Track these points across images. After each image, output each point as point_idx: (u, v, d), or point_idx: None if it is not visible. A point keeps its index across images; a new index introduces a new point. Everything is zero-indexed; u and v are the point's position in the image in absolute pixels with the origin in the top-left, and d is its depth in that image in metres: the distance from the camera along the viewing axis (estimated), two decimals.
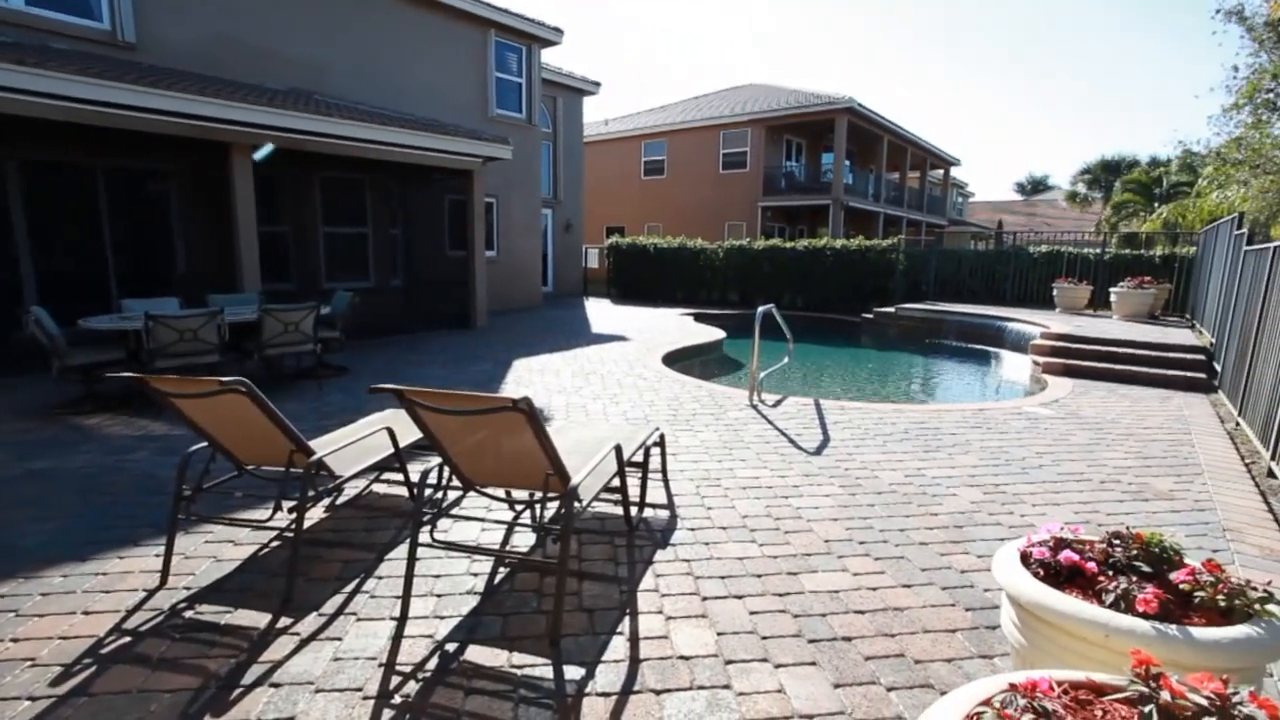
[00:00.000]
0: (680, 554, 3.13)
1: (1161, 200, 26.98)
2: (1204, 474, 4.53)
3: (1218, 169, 16.53)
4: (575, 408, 5.98)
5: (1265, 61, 14.39)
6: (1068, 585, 1.90)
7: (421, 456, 4.24)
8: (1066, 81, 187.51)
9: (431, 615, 2.58)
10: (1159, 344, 8.65)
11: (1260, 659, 1.64)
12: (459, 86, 13.51)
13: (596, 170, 27.48)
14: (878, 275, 15.50)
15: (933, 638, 2.49)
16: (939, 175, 35.93)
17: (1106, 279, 13.33)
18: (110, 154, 8.67)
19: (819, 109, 23.48)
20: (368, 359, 8.34)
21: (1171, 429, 5.74)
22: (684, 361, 9.29)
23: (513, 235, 15.41)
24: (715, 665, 2.29)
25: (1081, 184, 45.12)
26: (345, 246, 11.94)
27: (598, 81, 19.30)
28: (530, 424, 2.47)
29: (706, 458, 4.60)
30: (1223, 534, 3.52)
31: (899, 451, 4.85)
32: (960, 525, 3.55)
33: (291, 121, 8.51)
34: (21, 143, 7.85)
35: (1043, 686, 1.23)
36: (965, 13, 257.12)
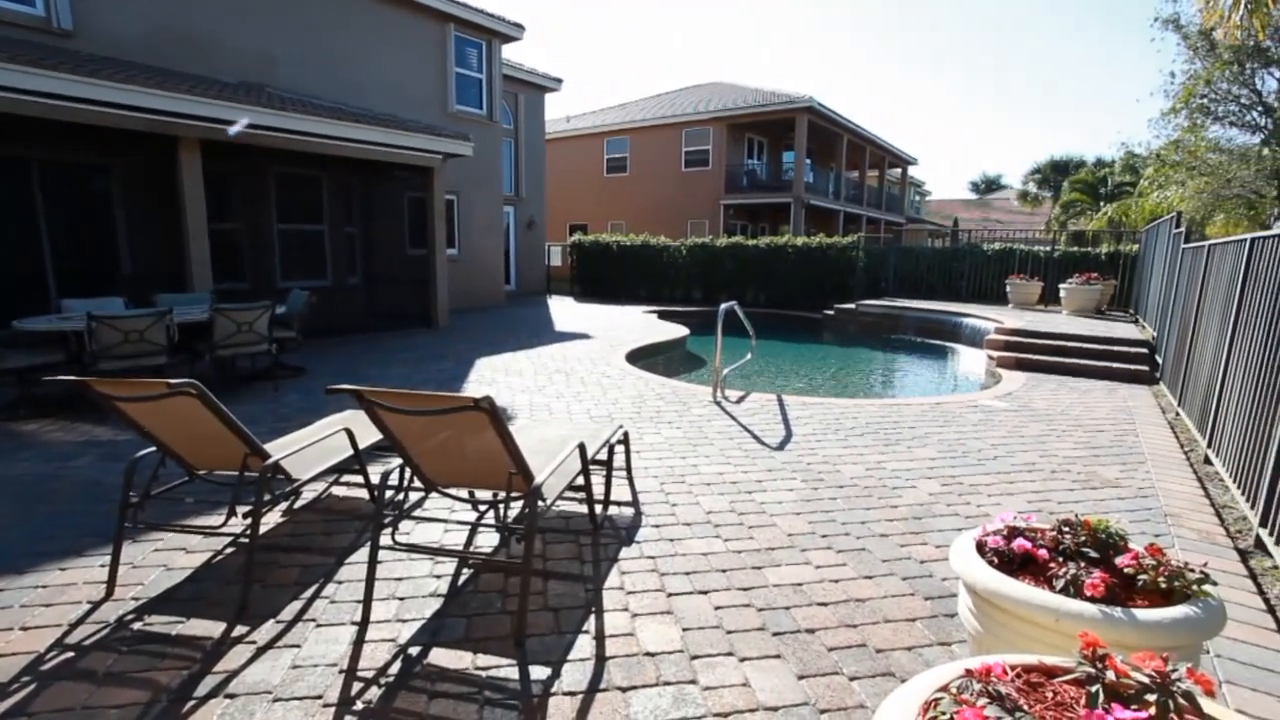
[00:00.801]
0: (645, 551, 3.13)
1: (1107, 199, 28.03)
2: (1147, 462, 4.72)
3: (1157, 170, 17.28)
4: (539, 406, 5.94)
5: (1199, 68, 15.08)
6: (1021, 572, 1.97)
7: (382, 458, 4.16)
8: (1020, 83, 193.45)
9: (394, 619, 2.54)
10: (1105, 338, 8.99)
11: (1197, 637, 1.72)
12: (418, 82, 13.28)
13: (559, 167, 27.32)
14: (838, 272, 15.77)
15: (893, 627, 2.54)
16: (897, 174, 36.70)
17: (1056, 275, 13.79)
18: (47, 147, 8.28)
19: (780, 108, 23.75)
20: (326, 359, 8.15)
21: (1117, 420, 5.97)
22: (648, 359, 9.31)
23: (474, 233, 15.22)
24: (681, 661, 2.30)
25: (1032, 183, 46.58)
26: (301, 244, 11.63)
27: (560, 78, 19.17)
28: (493, 423, 2.44)
29: (671, 454, 4.62)
30: (1164, 519, 3.68)
31: (860, 445, 4.94)
32: (919, 516, 3.63)
33: (242, 115, 8.25)
34: None
35: (996, 671, 1.27)
36: (921, 15, 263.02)
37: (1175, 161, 16.22)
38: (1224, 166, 15.37)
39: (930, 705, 1.20)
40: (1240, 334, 4.35)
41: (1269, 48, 13.97)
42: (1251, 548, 3.37)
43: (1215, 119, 15.64)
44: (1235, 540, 3.44)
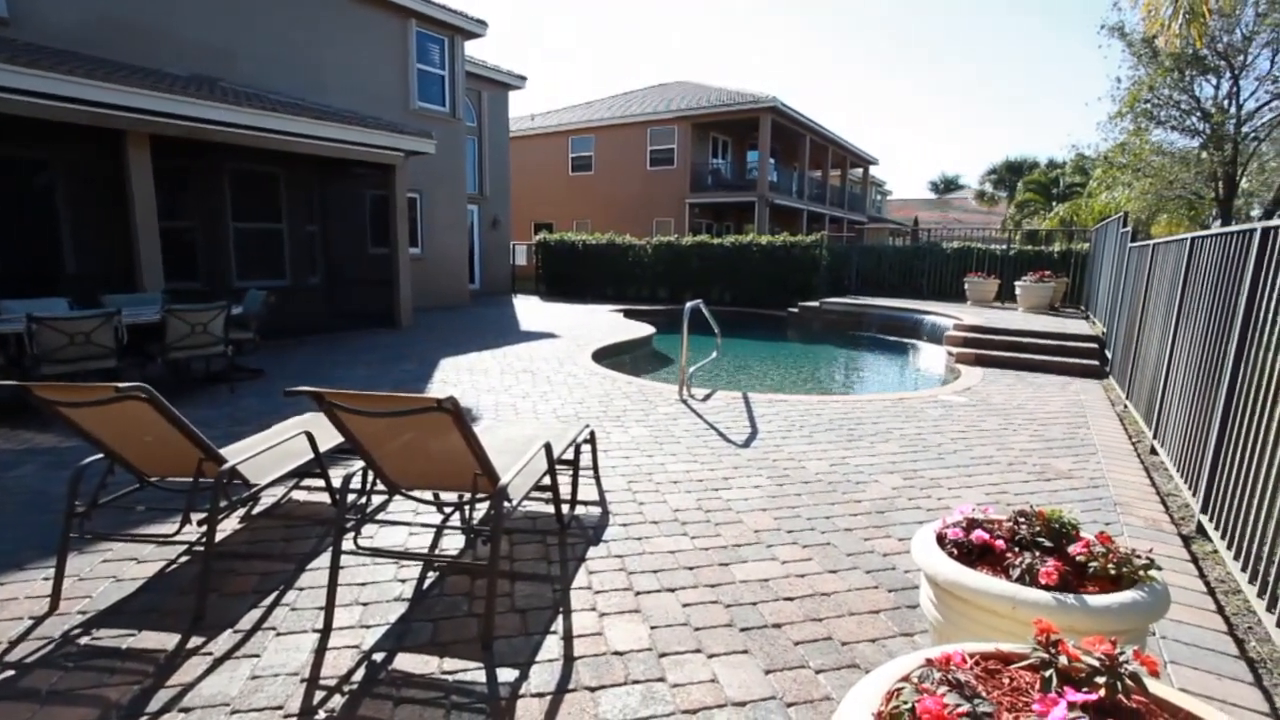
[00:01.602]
0: (613, 550, 3.13)
1: (1059, 200, 28.97)
2: (1098, 453, 4.89)
3: (1105, 171, 17.91)
4: (504, 406, 5.89)
5: (1143, 75, 15.67)
6: (979, 563, 2.02)
7: (344, 461, 4.08)
8: (978, 84, 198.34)
9: (357, 625, 2.49)
10: (1058, 334, 9.28)
11: (1144, 620, 1.79)
12: (378, 78, 13.05)
13: (523, 166, 27.12)
14: (802, 271, 15.98)
15: (858, 620, 2.59)
16: (859, 174, 37.33)
17: (1012, 273, 14.19)
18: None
19: (744, 108, 23.95)
20: (285, 360, 7.96)
21: (1070, 413, 6.18)
22: (614, 358, 9.30)
23: (438, 232, 15.02)
24: (649, 659, 2.30)
25: (989, 184, 47.88)
26: (258, 243, 11.33)
27: (523, 76, 19.03)
28: (457, 424, 2.41)
29: (637, 453, 4.62)
30: (1114, 508, 3.81)
31: (824, 441, 5.02)
32: (882, 511, 3.70)
33: (195, 110, 8.00)
34: None
35: (956, 660, 1.30)
36: (881, 17, 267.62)
37: (1122, 164, 16.85)
38: (1166, 169, 16.02)
39: (893, 695, 1.22)
40: (1182, 329, 4.53)
41: (1205, 56, 14.59)
42: (1194, 533, 3.52)
43: (1158, 123, 16.27)
44: (1179, 526, 3.59)
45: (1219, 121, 15.13)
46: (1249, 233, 3.34)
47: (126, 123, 7.46)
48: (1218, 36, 14.14)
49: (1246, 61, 14.61)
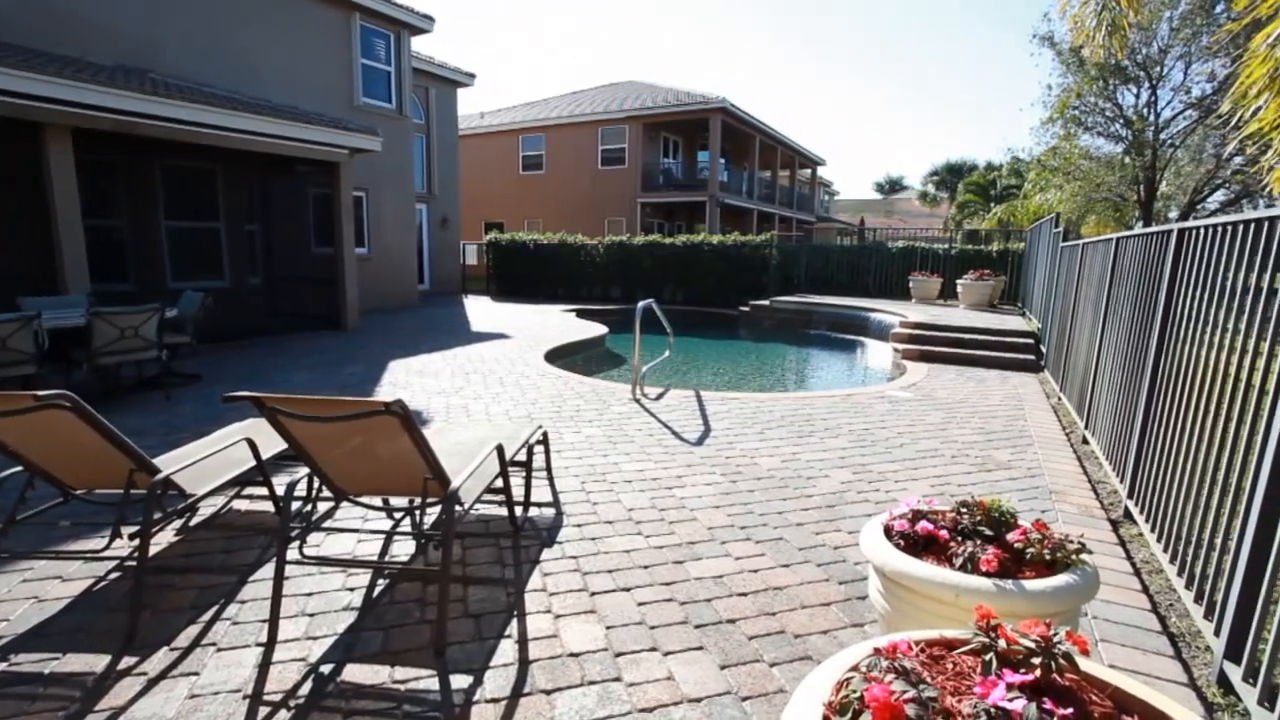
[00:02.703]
0: (567, 551, 3.11)
1: (996, 201, 30.11)
2: (1035, 444, 5.11)
3: (1038, 174, 18.71)
4: (456, 408, 5.79)
5: (1071, 82, 16.44)
6: (925, 553, 2.08)
7: (289, 467, 3.95)
8: (922, 87, 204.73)
9: (304, 637, 2.41)
10: (997, 330, 9.66)
11: (1077, 601, 1.88)
12: (320, 72, 12.65)
13: (473, 165, 26.74)
14: (753, 270, 16.20)
15: (810, 612, 2.64)
16: (807, 174, 38.06)
17: (954, 271, 14.70)
18: None
19: (694, 108, 24.13)
20: (225, 365, 7.64)
21: (1009, 406, 6.43)
22: (567, 358, 9.26)
23: (385, 231, 14.66)
24: (605, 659, 2.30)
25: (931, 185, 49.41)
26: (194, 242, 10.86)
27: (472, 73, 18.75)
28: (405, 427, 2.36)
29: (591, 453, 4.61)
30: (1049, 496, 3.99)
31: (776, 438, 5.10)
32: (832, 505, 3.79)
33: (121, 102, 7.60)
34: None
35: (902, 648, 1.33)
36: (826, 20, 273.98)
37: (1053, 167, 17.63)
38: (1094, 172, 16.83)
39: (843, 685, 1.25)
40: (1109, 325, 4.77)
41: (1127, 67, 15.41)
42: (1121, 518, 3.71)
43: (1085, 129, 17.09)
44: (1108, 512, 3.78)
45: (1140, 129, 16.00)
46: (1167, 233, 3.54)
47: (44, 114, 7.04)
48: (1137, 49, 14.93)
49: (1163, 73, 15.48)
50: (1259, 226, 2.44)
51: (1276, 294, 2.27)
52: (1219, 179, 15.89)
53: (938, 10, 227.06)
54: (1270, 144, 4.39)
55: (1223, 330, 2.67)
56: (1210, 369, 2.73)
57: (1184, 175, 16.28)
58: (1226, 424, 2.48)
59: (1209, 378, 2.73)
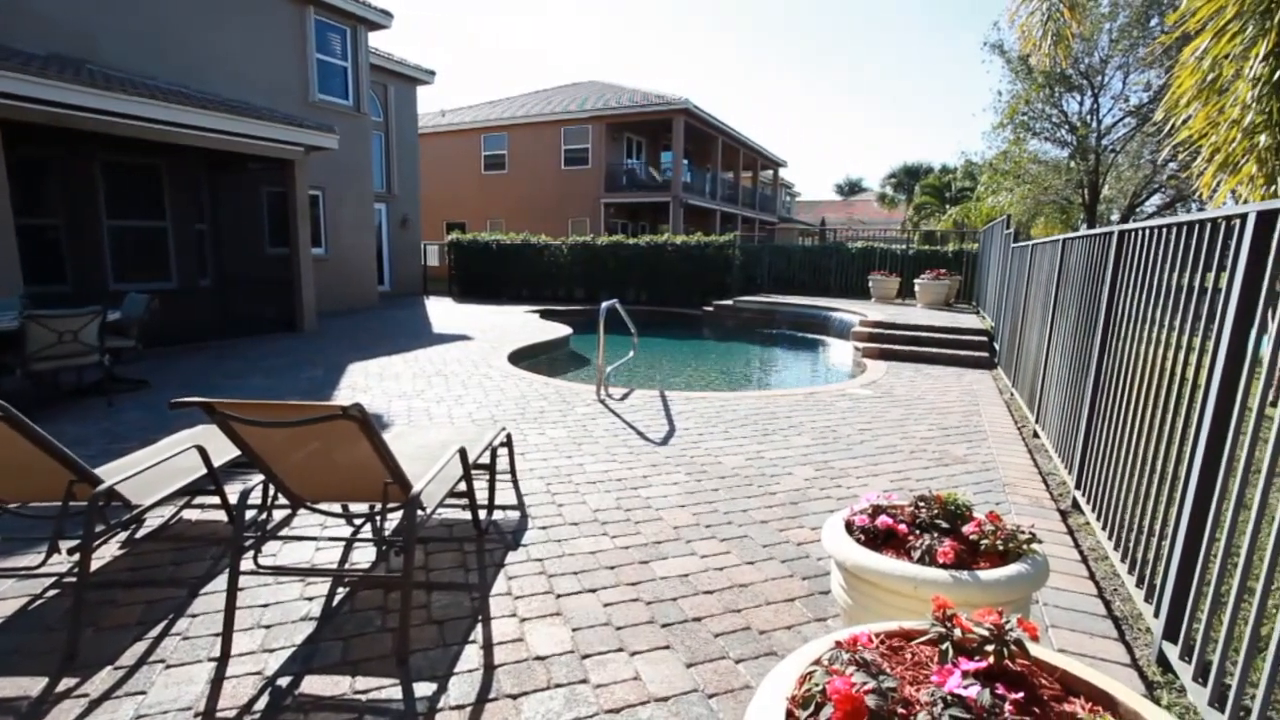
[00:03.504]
0: (532, 554, 3.09)
1: (951, 203, 30.97)
2: (989, 439, 5.27)
3: (990, 178, 19.31)
4: (417, 411, 5.70)
5: (1020, 89, 17.02)
6: (885, 547, 2.13)
7: (243, 475, 3.83)
8: (881, 90, 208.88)
9: (259, 649, 2.34)
10: (953, 329, 9.93)
11: (1029, 589, 1.94)
12: (274, 68, 12.31)
13: (434, 164, 26.36)
14: (716, 270, 16.33)
15: (775, 609, 2.67)
16: (769, 175, 38.55)
17: (912, 271, 15.06)
18: None
19: (657, 109, 24.22)
20: (173, 370, 7.38)
21: (964, 402, 6.62)
22: (531, 359, 9.20)
23: (343, 231, 14.35)
24: (572, 661, 2.29)
25: (889, 187, 50.43)
26: (139, 242, 10.44)
27: (432, 70, 18.48)
28: (364, 431, 2.31)
29: (556, 454, 4.59)
30: (1002, 488, 4.12)
31: (740, 436, 5.15)
32: (796, 502, 3.84)
33: (55, 93, 7.26)
34: None
35: (862, 640, 1.36)
36: (786, 23, 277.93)
37: (1004, 170, 18.23)
38: (1042, 176, 17.47)
39: (805, 678, 1.27)
40: (1057, 322, 4.95)
41: (1071, 75, 16.04)
42: (1070, 508, 3.85)
43: (1034, 134, 17.72)
44: (1057, 502, 3.92)
45: (1083, 135, 16.65)
46: (1109, 235, 3.69)
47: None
48: (1080, 58, 15.55)
49: (1104, 82, 16.16)
50: (1190, 229, 2.56)
51: (1208, 292, 2.39)
52: (1156, 183, 16.64)
53: (896, 13, 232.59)
54: (1199, 150, 4.60)
55: (1160, 327, 2.79)
56: (1149, 364, 2.85)
57: (1124, 180, 17.00)
58: (1164, 416, 2.60)
59: (1148, 372, 2.85)
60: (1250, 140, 4.12)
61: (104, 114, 7.74)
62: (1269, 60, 3.89)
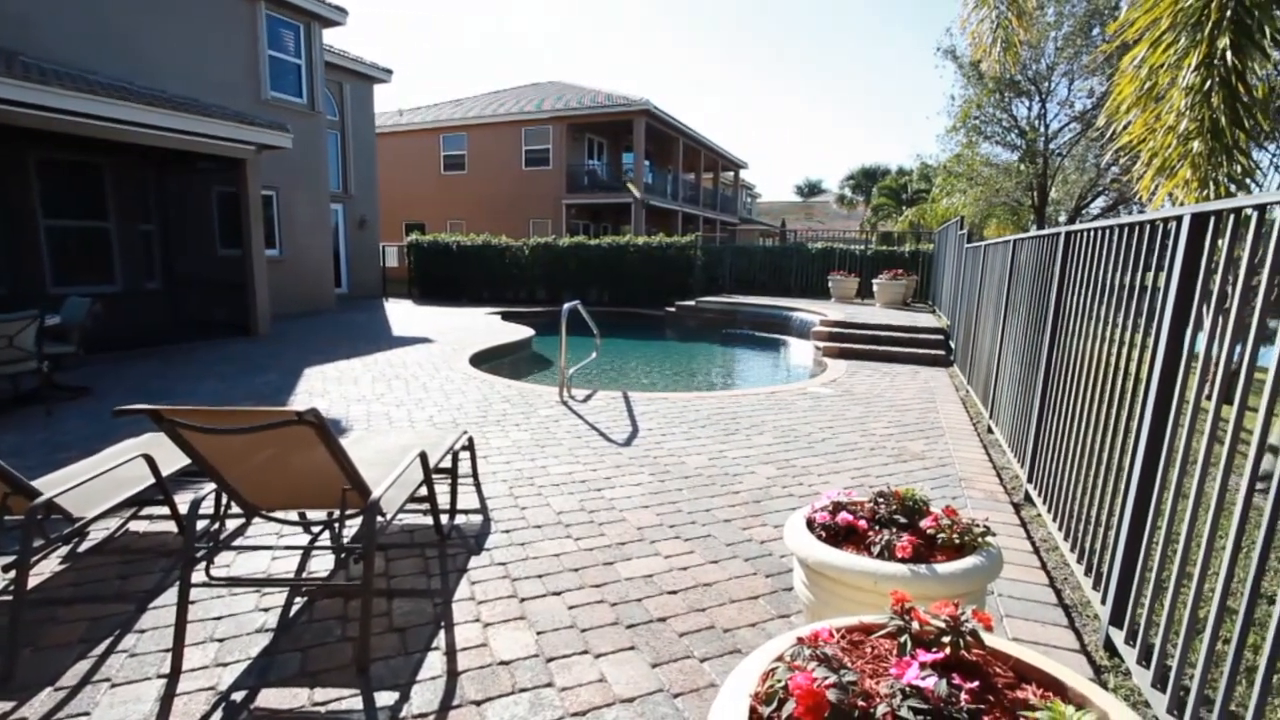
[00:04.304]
0: (496, 558, 3.06)
1: (908, 204, 31.70)
2: (945, 435, 5.40)
3: (945, 180, 19.82)
4: (377, 416, 5.59)
5: (972, 94, 17.52)
6: (845, 543, 2.16)
7: (193, 483, 3.70)
8: (839, 92, 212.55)
9: (212, 664, 2.26)
10: (910, 327, 10.16)
11: (984, 581, 2.00)
12: (224, 64, 11.93)
13: (392, 164, 25.91)
14: (679, 271, 16.41)
15: (738, 607, 2.69)
16: (730, 177, 38.88)
17: (870, 271, 15.36)
18: None
19: (618, 110, 24.22)
20: (119, 376, 7.08)
21: (922, 399, 6.77)
22: (493, 361, 9.10)
23: (298, 232, 13.98)
24: (536, 665, 2.27)
25: (847, 188, 51.40)
26: (80, 243, 10.01)
27: (389, 69, 18.16)
28: (321, 437, 2.25)
29: (519, 457, 4.55)
30: (959, 483, 4.23)
31: (703, 436, 5.18)
32: (758, 500, 3.88)
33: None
34: None
35: (824, 635, 1.38)
36: (745, 26, 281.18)
37: (958, 173, 18.74)
38: (994, 178, 18.01)
39: (768, 675, 1.28)
40: (1009, 321, 5.10)
41: (1020, 81, 16.60)
42: (1022, 500, 3.98)
43: (985, 138, 18.26)
44: (1011, 496, 4.04)
45: (1032, 139, 17.22)
46: (1056, 235, 3.82)
47: None
48: (1028, 65, 16.09)
49: (1050, 88, 16.75)
50: (1130, 230, 2.68)
51: (1148, 290, 2.49)
52: (1100, 186, 17.30)
53: (854, 16, 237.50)
54: (1139, 155, 4.80)
55: (1105, 324, 2.90)
56: (1095, 360, 2.96)
57: (1070, 182, 17.63)
58: (1108, 410, 2.70)
59: (1094, 368, 2.96)
60: (1185, 146, 4.31)
61: (39, 109, 7.39)
62: (1200, 70, 4.08)
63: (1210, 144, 4.18)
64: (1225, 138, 4.15)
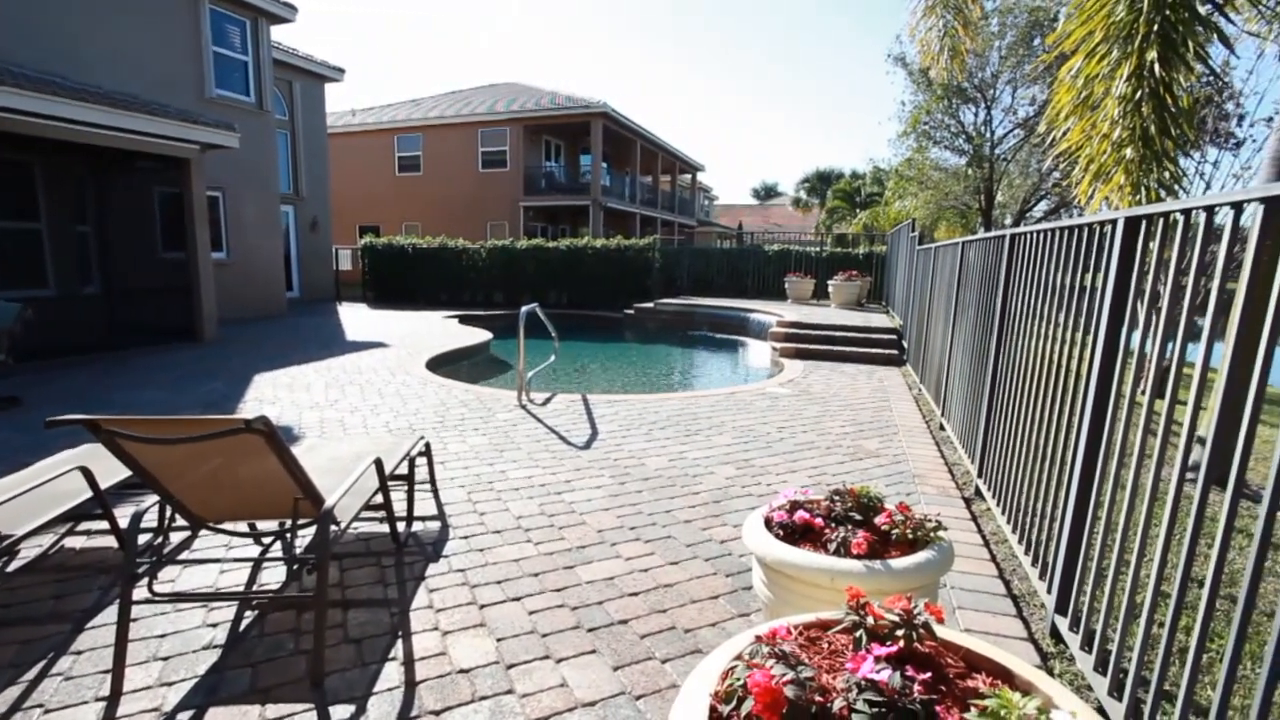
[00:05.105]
0: (454, 564, 3.01)
1: (861, 207, 32.40)
2: (900, 433, 5.54)
3: (896, 183, 20.34)
4: (331, 423, 5.45)
5: (922, 100, 18.03)
6: (803, 541, 2.20)
7: (135, 496, 3.55)
8: (794, 97, 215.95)
9: (156, 684, 2.17)
10: (865, 328, 10.38)
11: (936, 574, 2.05)
12: (164, 59, 11.48)
13: (345, 165, 25.35)
14: (637, 273, 16.44)
15: (699, 607, 2.71)
16: (687, 180, 39.16)
17: (825, 273, 15.65)
18: None
19: (576, 112, 24.17)
20: (52, 385, 6.75)
21: (876, 398, 6.93)
22: (450, 365, 8.97)
23: (247, 234, 13.54)
24: (497, 672, 2.25)
25: (803, 191, 52.24)
26: (8, 246, 9.50)
27: (341, 68, 17.75)
28: (271, 445, 2.19)
29: (477, 462, 4.49)
30: (912, 479, 4.34)
31: (662, 438, 5.20)
32: (718, 500, 3.91)
33: None
34: None
35: (781, 633, 1.40)
36: (701, 29, 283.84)
37: (909, 176, 19.26)
38: (943, 182, 18.56)
39: (728, 674, 1.29)
40: (959, 320, 5.26)
41: (967, 89, 17.15)
42: (973, 495, 4.10)
43: (935, 143, 18.80)
44: (962, 491, 4.17)
45: (979, 144, 17.80)
46: (1002, 238, 3.96)
47: None
48: (974, 73, 16.63)
49: (995, 95, 17.35)
50: (1070, 232, 2.79)
51: (1087, 290, 2.60)
52: (1043, 190, 17.98)
53: (808, 20, 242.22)
54: (1077, 161, 5.01)
55: (1049, 323, 3.02)
56: (1039, 358, 3.08)
57: (1015, 186, 18.28)
58: (1052, 406, 2.81)
59: (1038, 366, 3.08)
60: (1119, 153, 4.52)
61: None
62: (1131, 81, 4.28)
63: (1141, 151, 4.39)
64: (1155, 145, 4.36)
